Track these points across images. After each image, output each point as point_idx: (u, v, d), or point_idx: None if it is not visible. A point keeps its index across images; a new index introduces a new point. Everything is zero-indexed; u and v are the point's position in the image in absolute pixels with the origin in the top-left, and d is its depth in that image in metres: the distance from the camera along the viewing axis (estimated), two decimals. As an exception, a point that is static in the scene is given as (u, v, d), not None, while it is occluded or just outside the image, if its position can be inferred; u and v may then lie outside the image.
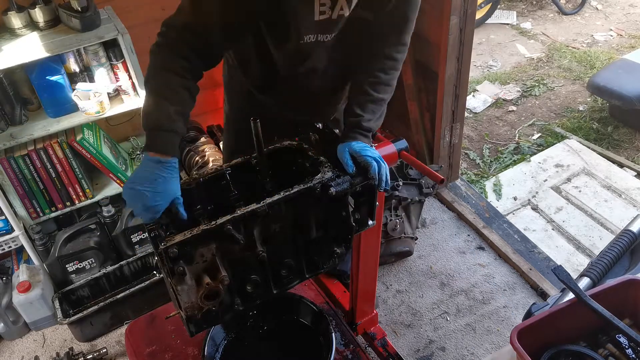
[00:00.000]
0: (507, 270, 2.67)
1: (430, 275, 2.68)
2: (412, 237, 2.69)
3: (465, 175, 3.36)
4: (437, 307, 2.54)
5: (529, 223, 2.99)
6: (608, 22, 5.10)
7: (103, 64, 2.34)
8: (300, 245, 1.39)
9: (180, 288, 1.24)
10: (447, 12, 2.46)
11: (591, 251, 2.78)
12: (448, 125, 2.86)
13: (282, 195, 1.28)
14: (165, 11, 2.66)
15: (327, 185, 1.30)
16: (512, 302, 2.52)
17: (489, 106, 4.04)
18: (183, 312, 1.28)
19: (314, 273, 1.47)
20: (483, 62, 4.61)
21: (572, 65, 4.47)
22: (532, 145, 3.61)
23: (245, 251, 1.30)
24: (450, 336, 2.41)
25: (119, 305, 2.44)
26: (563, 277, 1.50)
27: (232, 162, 1.45)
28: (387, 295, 2.60)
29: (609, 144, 3.57)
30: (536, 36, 4.95)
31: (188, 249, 1.20)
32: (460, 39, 2.58)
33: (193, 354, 1.80)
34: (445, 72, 2.65)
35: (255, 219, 1.27)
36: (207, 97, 3.07)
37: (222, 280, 1.25)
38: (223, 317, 1.37)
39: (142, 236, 2.57)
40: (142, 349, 1.83)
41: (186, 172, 2.86)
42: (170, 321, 1.85)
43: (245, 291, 1.36)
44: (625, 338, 1.44)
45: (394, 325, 2.47)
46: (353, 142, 1.41)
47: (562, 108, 3.99)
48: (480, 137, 3.76)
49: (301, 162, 1.45)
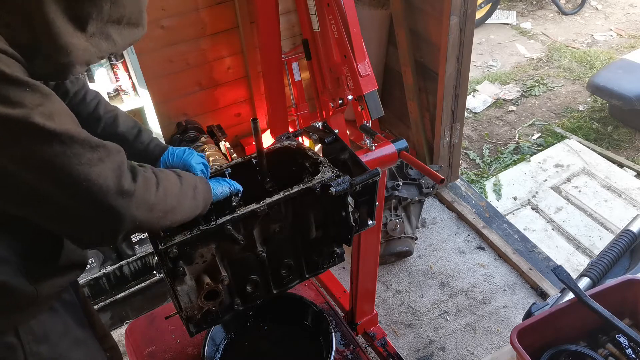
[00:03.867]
0: (507, 270, 2.67)
1: (430, 275, 2.68)
2: (412, 237, 2.69)
3: (465, 175, 3.36)
4: (437, 307, 2.54)
5: (529, 223, 2.99)
6: (608, 22, 5.10)
7: (103, 64, 2.34)
8: (300, 245, 1.39)
9: (180, 288, 1.24)
10: (447, 12, 2.46)
11: (591, 251, 2.78)
12: (448, 125, 2.86)
13: (282, 195, 1.28)
14: (165, 11, 2.69)
15: (327, 185, 1.30)
16: (512, 302, 2.52)
17: (488, 106, 4.04)
18: (183, 313, 1.28)
19: (314, 273, 1.47)
20: (483, 62, 4.61)
21: (572, 65, 4.47)
22: (532, 145, 3.61)
23: (245, 251, 1.30)
24: (450, 336, 2.41)
25: (119, 305, 2.44)
26: (563, 277, 1.51)
27: (232, 162, 1.45)
28: (387, 295, 2.60)
29: (609, 144, 3.57)
30: (536, 36, 4.95)
31: (188, 249, 1.20)
32: (460, 39, 2.58)
33: (193, 354, 1.80)
34: (445, 72, 2.65)
35: (255, 219, 1.27)
36: (207, 97, 3.08)
37: (222, 280, 1.25)
38: (223, 317, 1.37)
39: (142, 236, 2.57)
40: (142, 349, 1.83)
41: (186, 172, 2.86)
42: (170, 321, 1.85)
43: (245, 291, 1.36)
44: (625, 338, 1.44)
45: (394, 325, 2.47)
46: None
47: (562, 108, 3.99)
48: (480, 137, 3.76)
49: (301, 162, 1.45)
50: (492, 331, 2.42)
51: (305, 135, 1.56)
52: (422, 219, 2.94)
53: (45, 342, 1.18)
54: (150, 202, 1.01)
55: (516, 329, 1.41)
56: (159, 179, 1.06)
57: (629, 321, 1.51)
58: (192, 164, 1.36)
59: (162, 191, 1.05)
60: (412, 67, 2.89)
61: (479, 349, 2.35)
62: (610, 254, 1.83)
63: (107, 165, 0.93)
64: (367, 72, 2.00)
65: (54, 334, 1.20)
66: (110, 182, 0.93)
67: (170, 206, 1.07)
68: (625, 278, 1.53)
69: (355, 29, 2.00)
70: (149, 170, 1.05)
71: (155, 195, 1.02)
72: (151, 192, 1.02)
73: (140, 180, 1.00)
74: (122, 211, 0.95)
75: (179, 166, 1.37)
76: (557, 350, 1.46)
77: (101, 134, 1.33)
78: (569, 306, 1.48)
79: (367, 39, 2.11)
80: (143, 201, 0.99)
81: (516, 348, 1.37)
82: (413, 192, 2.67)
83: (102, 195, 0.92)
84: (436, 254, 2.78)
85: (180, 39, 2.79)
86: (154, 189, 1.03)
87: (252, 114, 3.25)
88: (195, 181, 1.18)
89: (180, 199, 1.11)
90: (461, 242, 2.84)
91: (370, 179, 1.37)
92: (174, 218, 1.10)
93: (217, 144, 2.94)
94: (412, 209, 2.70)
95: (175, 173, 1.14)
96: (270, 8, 2.63)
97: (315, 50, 2.41)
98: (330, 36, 2.19)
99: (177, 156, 1.38)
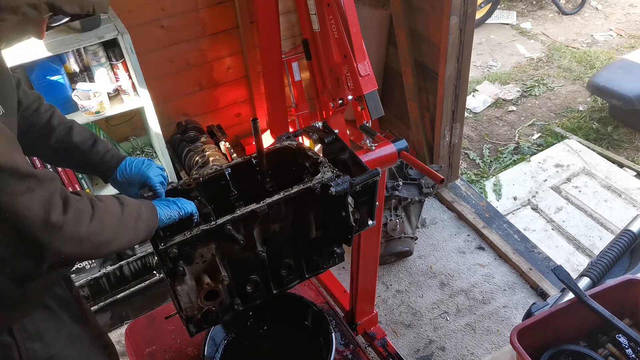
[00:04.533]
0: (507, 270, 2.67)
1: (430, 275, 2.68)
2: (412, 237, 2.69)
3: (465, 175, 3.36)
4: (437, 307, 2.54)
5: (529, 223, 2.99)
6: (608, 22, 5.10)
7: (103, 64, 2.34)
8: (300, 245, 1.39)
9: (180, 288, 1.24)
10: (447, 12, 2.46)
11: (591, 251, 2.78)
12: (448, 125, 2.86)
13: (282, 195, 1.28)
14: (165, 11, 2.69)
15: (327, 185, 1.30)
16: (512, 302, 2.52)
17: (488, 106, 4.04)
18: (183, 313, 1.28)
19: (314, 273, 1.47)
20: (483, 62, 4.61)
21: (572, 65, 4.47)
22: (532, 145, 3.61)
23: (245, 251, 1.30)
24: (450, 336, 2.41)
25: (119, 305, 2.44)
26: (563, 277, 1.51)
27: (232, 162, 1.45)
28: (387, 295, 2.60)
29: (609, 144, 3.57)
30: (536, 36, 4.95)
31: (188, 249, 1.21)
32: (460, 39, 2.58)
33: (193, 354, 1.81)
34: (445, 72, 2.65)
35: (255, 219, 1.27)
36: (207, 97, 3.08)
37: (222, 280, 1.25)
38: (223, 317, 1.37)
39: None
40: (142, 349, 1.83)
41: (186, 172, 2.86)
42: (170, 321, 1.85)
43: (245, 291, 1.36)
44: (625, 338, 1.44)
45: (394, 325, 2.47)
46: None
47: (562, 108, 3.99)
48: (480, 137, 3.76)
49: (301, 162, 1.45)
50: (492, 331, 2.42)
51: (305, 135, 1.56)
52: (422, 219, 2.94)
53: (39, 339, 1.18)
54: (80, 235, 0.98)
55: (516, 329, 1.41)
56: (95, 209, 1.02)
57: (629, 321, 1.51)
58: (150, 175, 1.33)
59: (97, 223, 1.01)
60: (412, 67, 2.89)
61: (479, 349, 2.35)
62: (610, 254, 1.83)
63: (35, 196, 0.91)
64: (367, 72, 2.00)
65: (48, 332, 1.20)
66: (36, 215, 0.90)
67: (106, 238, 1.04)
68: (625, 278, 1.53)
69: (355, 29, 2.00)
70: (85, 201, 1.01)
71: (87, 228, 0.99)
72: (82, 224, 0.98)
73: (71, 212, 0.96)
74: (46, 244, 0.92)
75: (136, 178, 1.34)
76: (557, 350, 1.46)
77: (54, 146, 1.32)
78: (569, 306, 1.48)
79: (367, 39, 2.11)
80: (72, 235, 0.96)
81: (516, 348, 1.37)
82: (413, 192, 2.67)
83: (27, 228, 0.90)
84: (436, 254, 2.78)
85: (180, 39, 2.79)
86: (86, 221, 0.99)
87: (252, 114, 3.25)
88: (139, 209, 1.14)
89: (118, 230, 1.07)
90: (461, 242, 2.84)
91: (370, 179, 1.37)
92: (107, 249, 1.07)
93: (217, 144, 2.94)
94: (412, 209, 2.70)
95: (118, 201, 1.10)
96: (270, 8, 2.63)
97: (315, 50, 2.41)
98: (330, 36, 2.19)
99: (135, 167, 1.35)
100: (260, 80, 3.07)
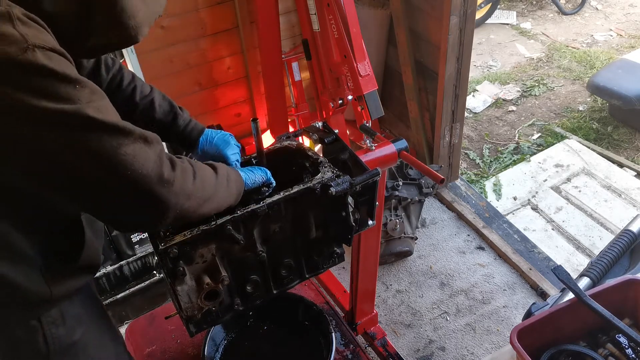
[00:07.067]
0: (507, 270, 2.67)
1: (430, 275, 2.68)
2: (412, 237, 2.69)
3: (465, 175, 3.36)
4: (437, 307, 2.54)
5: (529, 223, 3.00)
6: (608, 22, 5.10)
7: (103, 64, 2.34)
8: (300, 245, 1.39)
9: (180, 288, 1.24)
10: (447, 12, 2.46)
11: (591, 251, 2.78)
12: (448, 125, 2.87)
13: (282, 195, 1.28)
14: (165, 11, 2.69)
15: (327, 185, 1.30)
16: (512, 302, 2.53)
17: (488, 106, 4.04)
18: (183, 313, 1.28)
19: (314, 273, 1.47)
20: (483, 62, 4.61)
21: (572, 65, 4.47)
22: (532, 145, 3.61)
23: (245, 251, 1.30)
24: (450, 336, 2.41)
25: (119, 305, 2.44)
26: (563, 277, 1.51)
27: (232, 162, 1.45)
28: (387, 295, 2.60)
29: (609, 144, 3.58)
30: (536, 36, 4.95)
31: (188, 249, 1.21)
32: (460, 39, 2.58)
33: (193, 354, 1.81)
34: (445, 72, 2.65)
35: (255, 219, 1.27)
36: (207, 97, 3.08)
37: (222, 280, 1.25)
38: (223, 317, 1.37)
39: (142, 236, 2.57)
40: (142, 349, 1.84)
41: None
42: (170, 321, 1.85)
43: (245, 291, 1.36)
44: (625, 338, 1.44)
45: (394, 325, 2.47)
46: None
47: (562, 108, 3.99)
48: (480, 137, 3.76)
49: (301, 162, 1.45)
50: (492, 331, 2.42)
51: (305, 135, 1.56)
52: (422, 219, 2.94)
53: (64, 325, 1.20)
54: (188, 190, 1.04)
55: (516, 329, 1.41)
56: (195, 169, 1.09)
57: (629, 321, 1.51)
58: (227, 154, 1.39)
59: (199, 181, 1.08)
60: (412, 67, 2.89)
61: (479, 349, 2.35)
62: (610, 254, 1.83)
63: (149, 155, 0.97)
64: (367, 72, 2.00)
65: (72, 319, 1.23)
66: (152, 171, 0.96)
67: (208, 194, 1.11)
68: (625, 278, 1.53)
69: (355, 29, 2.00)
70: (185, 161, 1.09)
71: (192, 184, 1.06)
72: (188, 181, 1.05)
73: (179, 170, 1.03)
74: (164, 199, 0.99)
75: (215, 154, 1.40)
76: (557, 350, 1.46)
77: (136, 119, 1.36)
78: (569, 306, 1.48)
79: (367, 39, 2.11)
80: (182, 190, 1.02)
81: (516, 348, 1.37)
82: (413, 192, 2.67)
83: (145, 184, 0.96)
84: (436, 254, 2.78)
85: (180, 39, 2.79)
86: (191, 178, 1.06)
87: (252, 114, 3.25)
88: (228, 171, 1.21)
89: (216, 188, 1.14)
90: (461, 242, 2.84)
91: (370, 179, 1.37)
92: (210, 206, 1.13)
93: (217, 144, 2.94)
94: (412, 209, 2.70)
95: (209, 165, 1.18)
96: (270, 8, 2.63)
97: (315, 50, 2.41)
98: (330, 36, 2.19)
99: (215, 144, 1.41)
100: (260, 80, 3.07)
